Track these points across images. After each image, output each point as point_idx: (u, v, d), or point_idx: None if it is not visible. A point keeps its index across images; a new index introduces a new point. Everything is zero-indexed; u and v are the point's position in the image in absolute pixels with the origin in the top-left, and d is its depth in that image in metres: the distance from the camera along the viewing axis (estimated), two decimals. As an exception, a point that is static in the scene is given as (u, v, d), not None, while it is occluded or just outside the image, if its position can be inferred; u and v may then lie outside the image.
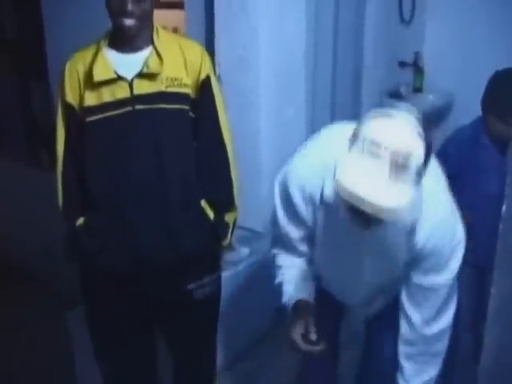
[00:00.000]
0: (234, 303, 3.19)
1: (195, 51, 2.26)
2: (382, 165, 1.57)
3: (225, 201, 2.36)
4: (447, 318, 2.14)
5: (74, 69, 2.21)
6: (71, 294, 2.52)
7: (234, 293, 3.23)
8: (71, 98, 2.21)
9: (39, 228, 3.93)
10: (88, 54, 2.20)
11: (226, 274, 2.60)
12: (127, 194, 2.20)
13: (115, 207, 2.22)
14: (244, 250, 3.37)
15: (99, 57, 2.16)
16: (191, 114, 2.23)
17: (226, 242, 2.40)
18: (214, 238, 2.36)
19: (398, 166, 1.57)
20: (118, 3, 2.05)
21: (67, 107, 2.22)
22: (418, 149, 1.60)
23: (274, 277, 2.26)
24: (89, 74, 2.15)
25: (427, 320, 2.11)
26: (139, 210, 2.20)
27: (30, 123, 4.63)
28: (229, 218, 2.38)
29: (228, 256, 2.57)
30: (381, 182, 1.57)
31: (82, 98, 2.18)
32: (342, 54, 3.81)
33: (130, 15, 2.06)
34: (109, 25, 2.21)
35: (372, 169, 1.58)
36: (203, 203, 2.32)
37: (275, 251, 2.28)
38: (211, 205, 2.34)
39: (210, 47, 3.18)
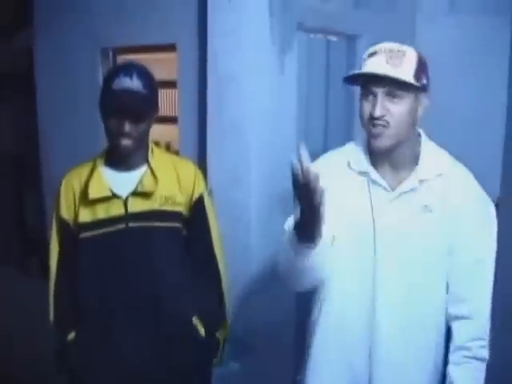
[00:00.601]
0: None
1: (189, 170, 2.31)
2: (380, 58, 1.88)
3: (216, 318, 2.36)
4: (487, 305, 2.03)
5: (70, 185, 2.26)
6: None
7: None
8: (66, 213, 2.25)
9: (29, 334, 3.90)
10: (84, 171, 2.26)
11: (215, 390, 2.56)
12: (118, 311, 2.20)
13: (106, 323, 2.22)
14: (234, 365, 3.32)
15: (95, 174, 2.21)
16: (184, 231, 2.27)
17: (216, 359, 2.39)
18: (204, 355, 2.35)
19: (393, 54, 1.87)
20: (116, 124, 2.11)
21: (62, 222, 2.26)
22: (411, 52, 1.91)
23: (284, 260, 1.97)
24: (84, 191, 2.20)
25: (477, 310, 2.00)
26: (130, 326, 2.20)
27: (22, 231, 4.67)
28: (220, 334, 2.37)
29: (218, 371, 2.54)
30: (382, 64, 1.87)
31: (76, 214, 2.22)
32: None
33: (127, 136, 2.11)
34: (101, 143, 2.27)
35: (373, 61, 1.89)
36: (194, 320, 2.31)
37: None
38: (203, 322, 2.33)
39: (202, 161, 3.24)
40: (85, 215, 2.20)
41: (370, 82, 1.89)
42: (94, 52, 3.95)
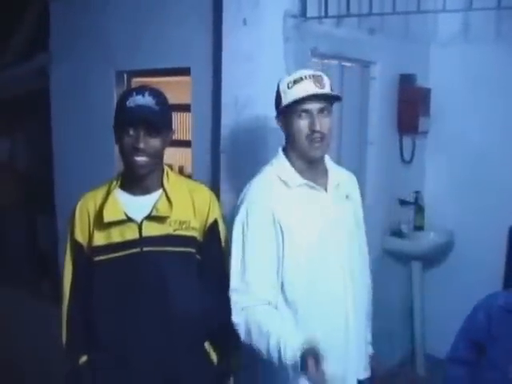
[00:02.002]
0: None
1: (203, 196, 2.32)
2: (308, 82, 2.20)
3: (228, 344, 2.34)
4: None
5: (85, 208, 2.26)
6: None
7: None
8: (80, 236, 2.25)
9: (39, 357, 3.89)
10: (99, 195, 2.26)
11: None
12: (132, 335, 2.20)
13: (119, 347, 2.21)
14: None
15: (110, 198, 2.21)
16: (197, 256, 2.26)
17: (228, 386, 2.37)
18: (216, 381, 2.33)
19: (316, 79, 2.21)
20: (130, 141, 2.12)
21: (76, 245, 2.26)
22: (324, 76, 2.25)
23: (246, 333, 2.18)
24: (99, 214, 2.20)
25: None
26: (143, 351, 2.19)
27: (34, 254, 4.67)
28: (232, 361, 2.36)
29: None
30: (312, 87, 2.19)
31: (91, 237, 2.22)
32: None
33: (142, 152, 2.12)
34: (116, 165, 2.27)
35: (304, 86, 2.20)
36: (207, 346, 2.31)
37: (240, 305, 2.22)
38: (215, 347, 2.33)
39: (214, 185, 3.24)
40: (99, 238, 2.20)
41: (304, 103, 2.20)
42: (108, 75, 3.97)
